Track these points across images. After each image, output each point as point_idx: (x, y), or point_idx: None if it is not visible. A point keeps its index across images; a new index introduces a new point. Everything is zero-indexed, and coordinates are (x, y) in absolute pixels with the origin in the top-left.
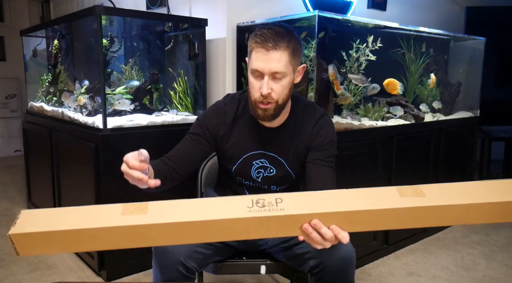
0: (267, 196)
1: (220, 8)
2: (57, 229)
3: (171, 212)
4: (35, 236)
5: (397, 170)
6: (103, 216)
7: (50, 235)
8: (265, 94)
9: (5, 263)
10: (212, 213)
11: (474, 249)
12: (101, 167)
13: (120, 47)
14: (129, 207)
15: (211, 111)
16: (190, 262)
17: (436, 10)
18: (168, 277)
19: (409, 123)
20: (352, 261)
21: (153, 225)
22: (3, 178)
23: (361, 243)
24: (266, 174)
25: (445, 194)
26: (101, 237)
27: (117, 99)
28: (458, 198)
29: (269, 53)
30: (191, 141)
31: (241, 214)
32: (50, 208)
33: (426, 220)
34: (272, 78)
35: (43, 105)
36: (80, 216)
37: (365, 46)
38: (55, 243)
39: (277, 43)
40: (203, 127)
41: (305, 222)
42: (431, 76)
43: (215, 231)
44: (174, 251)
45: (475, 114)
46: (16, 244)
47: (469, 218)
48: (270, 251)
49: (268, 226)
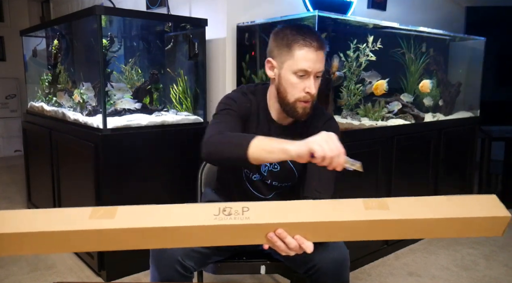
0: (234, 204)
1: (220, 8)
2: (23, 231)
3: (138, 217)
4: (4, 237)
5: (397, 170)
6: (71, 219)
7: (18, 237)
8: (312, 94)
9: (5, 263)
10: (178, 219)
11: (474, 249)
12: (101, 167)
13: (120, 47)
14: (98, 211)
15: (238, 95)
16: (188, 261)
17: (436, 10)
18: (165, 276)
19: (409, 123)
20: (346, 262)
21: (119, 230)
22: (3, 178)
23: (361, 243)
24: (271, 168)
25: (408, 208)
26: (68, 239)
27: (119, 98)
28: (421, 212)
29: (317, 53)
30: (232, 117)
31: (206, 222)
32: (21, 210)
33: (388, 233)
34: (315, 77)
35: (43, 105)
36: (49, 218)
37: (365, 46)
38: (23, 244)
39: (321, 43)
40: (238, 105)
41: (270, 231)
42: (424, 81)
43: (180, 237)
44: (171, 250)
45: (475, 114)
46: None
47: (431, 232)
48: (271, 251)
49: (234, 234)
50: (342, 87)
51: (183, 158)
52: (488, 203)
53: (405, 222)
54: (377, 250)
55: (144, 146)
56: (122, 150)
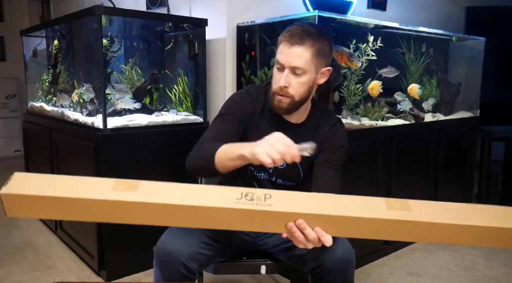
0: (257, 190)
1: (220, 8)
2: (46, 195)
3: (161, 193)
4: (25, 198)
5: (397, 170)
6: (93, 188)
7: (39, 200)
8: (281, 86)
9: (5, 263)
10: (200, 199)
11: (474, 249)
12: (101, 167)
13: (120, 47)
14: (120, 183)
15: (242, 95)
16: (192, 263)
17: (436, 10)
18: (168, 277)
19: (409, 123)
20: (352, 261)
21: (140, 203)
22: (3, 178)
23: (361, 243)
24: (276, 165)
25: (431, 211)
26: (87, 208)
27: (118, 98)
28: (444, 217)
29: (292, 47)
30: (229, 122)
31: (228, 204)
32: (44, 174)
33: (409, 235)
34: (292, 72)
35: (43, 105)
36: (71, 185)
37: (366, 46)
38: (43, 208)
39: (302, 39)
40: (238, 108)
41: (291, 220)
42: (412, 85)
43: (200, 217)
44: (176, 251)
45: (475, 114)
46: (5, 204)
47: (452, 238)
48: (271, 251)
49: (253, 220)
50: (342, 87)
51: (183, 158)
52: (510, 214)
53: (427, 225)
54: (377, 250)
55: (144, 146)
56: (122, 150)
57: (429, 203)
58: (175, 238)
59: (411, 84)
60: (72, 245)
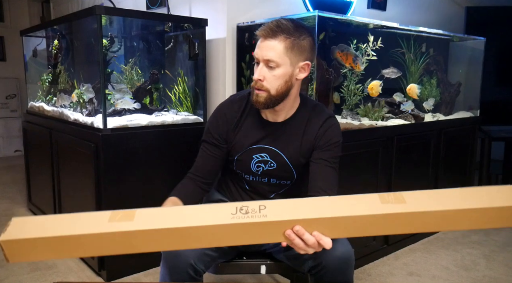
0: (251, 203)
1: (220, 8)
2: (45, 236)
3: (157, 219)
4: (25, 242)
5: (397, 170)
6: (91, 223)
7: (39, 242)
8: (255, 79)
9: (5, 263)
10: (196, 219)
11: (474, 249)
12: (101, 167)
13: (120, 47)
14: (117, 214)
15: (214, 115)
16: (199, 265)
17: (436, 10)
18: (176, 279)
19: (409, 123)
20: (351, 261)
21: (139, 232)
22: (3, 178)
23: (361, 243)
24: (267, 168)
25: (425, 200)
26: (88, 243)
27: (118, 98)
28: (438, 204)
29: (265, 41)
30: (209, 150)
31: (225, 221)
32: (40, 216)
33: (407, 227)
34: (266, 66)
35: (43, 105)
36: (69, 223)
37: (366, 46)
38: (43, 249)
39: (275, 33)
40: (213, 133)
41: (288, 228)
42: (411, 85)
43: (199, 237)
44: (185, 253)
45: (475, 114)
46: (5, 250)
47: (449, 224)
48: (271, 251)
49: (252, 233)
50: (342, 87)
51: (183, 158)
52: (504, 193)
53: (422, 214)
54: (377, 250)
55: (144, 146)
56: (122, 150)
57: (423, 192)
58: None
59: (410, 84)
60: None
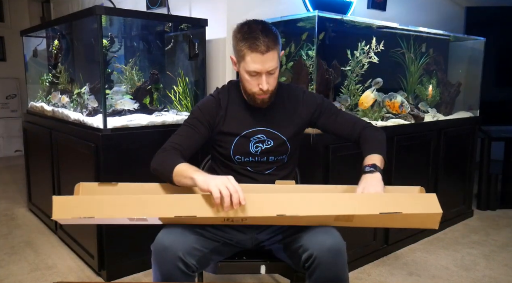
0: (236, 216)
1: (220, 8)
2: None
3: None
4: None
5: (397, 170)
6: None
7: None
8: (265, 90)
9: (5, 263)
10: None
11: (474, 249)
12: (101, 167)
13: (120, 47)
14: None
15: (207, 100)
16: (189, 259)
17: (436, 10)
18: (167, 273)
19: (409, 123)
20: (341, 252)
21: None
22: (3, 178)
23: (361, 243)
24: (265, 146)
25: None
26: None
27: (118, 99)
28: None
29: (264, 55)
30: (193, 127)
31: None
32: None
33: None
34: (268, 74)
35: (43, 105)
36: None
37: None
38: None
39: (269, 45)
40: (203, 112)
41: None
42: (430, 88)
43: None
44: (172, 246)
45: (475, 114)
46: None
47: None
48: (271, 247)
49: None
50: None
51: None
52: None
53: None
54: (377, 250)
55: (144, 146)
56: (122, 150)
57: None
58: (171, 234)
59: (429, 87)
60: (72, 245)
